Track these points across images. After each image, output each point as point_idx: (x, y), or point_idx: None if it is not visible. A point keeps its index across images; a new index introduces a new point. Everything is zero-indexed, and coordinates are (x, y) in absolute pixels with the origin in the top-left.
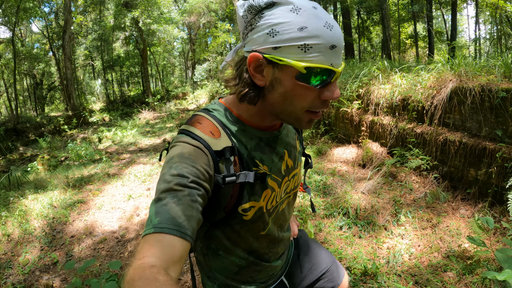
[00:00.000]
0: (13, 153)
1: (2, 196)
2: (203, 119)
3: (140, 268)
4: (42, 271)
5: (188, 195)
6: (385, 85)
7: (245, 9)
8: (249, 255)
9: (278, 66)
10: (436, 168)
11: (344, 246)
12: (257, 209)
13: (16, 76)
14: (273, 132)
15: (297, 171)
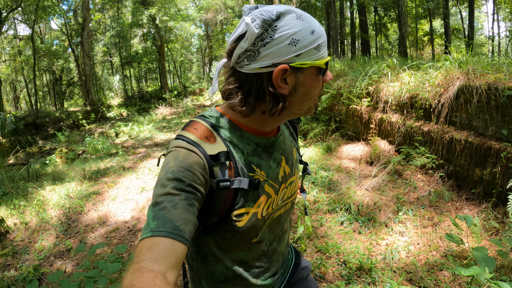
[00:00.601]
0: (33, 146)
1: (21, 187)
2: (199, 125)
3: (138, 272)
4: (57, 256)
5: (185, 199)
6: (394, 83)
7: (259, 25)
8: (237, 266)
9: (301, 70)
10: (442, 167)
11: (343, 241)
12: (251, 215)
13: (35, 72)
14: (270, 138)
15: (294, 179)
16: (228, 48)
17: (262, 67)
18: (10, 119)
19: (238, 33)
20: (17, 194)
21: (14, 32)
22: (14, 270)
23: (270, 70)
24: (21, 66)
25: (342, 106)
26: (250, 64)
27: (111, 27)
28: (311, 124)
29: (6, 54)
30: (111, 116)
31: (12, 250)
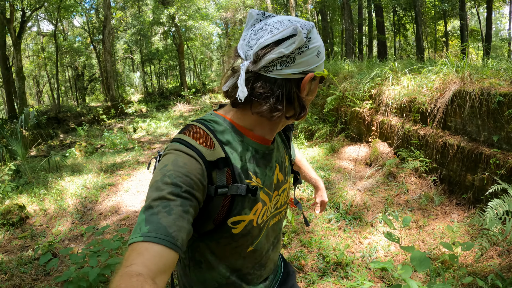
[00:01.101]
0: (54, 139)
1: (41, 177)
2: (198, 129)
3: (126, 275)
4: (71, 240)
5: (181, 206)
6: (395, 86)
7: (306, 35)
8: (231, 274)
9: (315, 79)
10: (436, 171)
11: (327, 237)
12: (247, 222)
13: (58, 68)
14: (269, 146)
15: (286, 186)
16: (260, 52)
17: (294, 73)
18: (33, 114)
19: (278, 37)
20: (38, 184)
21: (38, 29)
22: (31, 250)
23: (300, 77)
24: (44, 62)
25: (348, 108)
26: (282, 70)
27: (132, 25)
28: (318, 125)
29: (30, 50)
30: (130, 112)
31: (31, 233)
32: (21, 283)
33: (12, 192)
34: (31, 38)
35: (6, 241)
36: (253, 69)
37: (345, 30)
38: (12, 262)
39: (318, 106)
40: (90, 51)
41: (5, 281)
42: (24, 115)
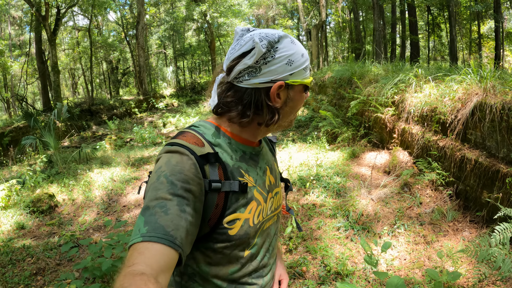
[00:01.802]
0: (86, 131)
1: (72, 168)
2: (187, 133)
3: (130, 275)
4: (95, 229)
5: (177, 205)
6: (418, 94)
7: (266, 45)
8: (229, 285)
9: (292, 87)
10: (452, 185)
11: (333, 246)
12: (243, 221)
13: (92, 62)
14: (255, 148)
15: (279, 190)
16: (230, 64)
17: (261, 82)
18: (66, 108)
19: (242, 50)
20: (68, 174)
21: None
22: (58, 237)
23: (268, 86)
24: (79, 55)
25: (371, 113)
26: (250, 80)
27: (165, 21)
28: (341, 128)
29: (66, 44)
30: (161, 107)
31: (58, 221)
32: (45, 266)
33: (43, 181)
34: (66, 32)
35: (35, 227)
36: (227, 80)
37: (374, 31)
38: (39, 247)
39: (343, 109)
40: (124, 46)
41: (32, 264)
42: (57, 109)
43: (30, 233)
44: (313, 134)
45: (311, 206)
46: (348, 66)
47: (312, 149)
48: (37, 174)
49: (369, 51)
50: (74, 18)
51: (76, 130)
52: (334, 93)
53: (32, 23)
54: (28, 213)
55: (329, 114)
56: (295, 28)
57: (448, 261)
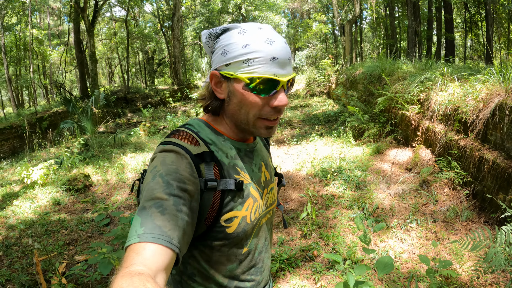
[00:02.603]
0: (122, 118)
1: (107, 152)
2: (181, 131)
3: (128, 275)
4: (126, 208)
5: (174, 205)
6: (443, 92)
7: (206, 36)
8: (228, 283)
9: (230, 80)
10: (470, 185)
11: (345, 235)
12: (240, 219)
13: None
14: (249, 144)
15: (273, 185)
16: None
17: (210, 71)
18: (103, 95)
19: None
20: (103, 157)
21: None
22: (91, 213)
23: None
24: (116, 46)
25: (398, 110)
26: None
27: (200, 13)
28: (368, 124)
29: (103, 34)
30: (194, 97)
31: (92, 199)
32: (78, 238)
33: (79, 162)
34: (104, 23)
35: (70, 204)
36: None
37: (408, 28)
38: (73, 221)
39: (372, 106)
40: (160, 37)
41: (66, 235)
42: (95, 96)
43: (65, 208)
44: (340, 129)
45: (330, 196)
46: (378, 63)
47: (338, 143)
48: (74, 156)
49: (404, 48)
50: (111, 9)
51: (112, 116)
52: (364, 89)
53: (71, 14)
54: (64, 190)
55: (357, 110)
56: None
57: (454, 258)
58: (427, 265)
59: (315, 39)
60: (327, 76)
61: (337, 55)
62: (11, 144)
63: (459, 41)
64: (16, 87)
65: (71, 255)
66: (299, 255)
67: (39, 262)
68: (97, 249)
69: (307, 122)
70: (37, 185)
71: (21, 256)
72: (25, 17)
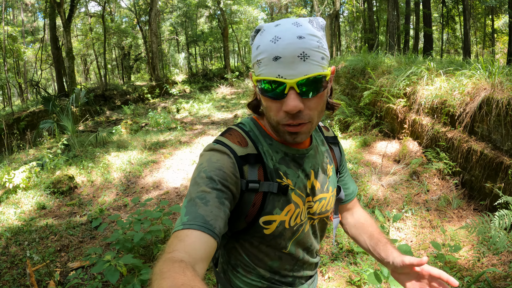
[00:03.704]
0: (101, 116)
1: (89, 151)
2: (234, 131)
3: (169, 261)
4: (115, 209)
5: (216, 197)
6: (429, 86)
7: (252, 37)
8: (271, 275)
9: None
10: (459, 175)
11: None
12: (278, 223)
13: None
14: (300, 149)
15: (325, 196)
16: None
17: None
18: (84, 93)
19: None
20: (86, 157)
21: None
22: (79, 216)
23: None
24: (92, 42)
25: (383, 103)
26: None
27: (177, 7)
28: (354, 117)
29: (78, 30)
30: (174, 93)
31: (78, 201)
32: (69, 243)
33: (62, 164)
34: (79, 18)
35: (56, 207)
36: None
37: (388, 22)
38: (62, 225)
39: (356, 99)
40: (136, 32)
41: (55, 241)
42: (75, 94)
43: (51, 212)
44: (326, 122)
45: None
46: (361, 57)
47: None
48: (58, 157)
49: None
50: (87, 4)
51: (91, 114)
52: (347, 83)
53: (47, 9)
54: (48, 194)
55: (342, 103)
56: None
57: (451, 243)
58: (439, 250)
59: None
60: None
61: None
62: None
63: (436, 35)
64: None
65: (64, 262)
66: None
67: (32, 273)
68: (94, 255)
69: None
70: (20, 189)
71: (11, 266)
72: None
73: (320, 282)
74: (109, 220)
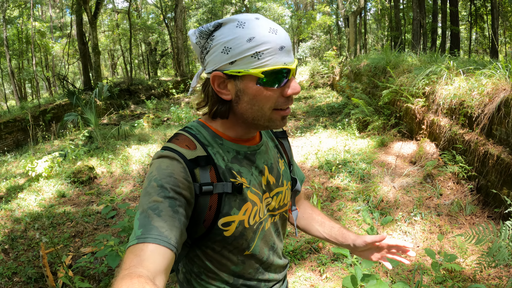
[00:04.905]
0: (125, 110)
1: (111, 144)
2: (180, 135)
3: (128, 277)
4: (131, 200)
5: (169, 206)
6: (448, 86)
7: (196, 35)
8: (234, 280)
9: (238, 78)
10: (474, 179)
11: (351, 227)
12: (238, 223)
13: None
14: (251, 146)
15: (281, 189)
16: None
17: (207, 73)
18: (107, 87)
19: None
20: (107, 149)
21: (113, 6)
22: (96, 205)
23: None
24: (119, 37)
25: (402, 103)
26: (204, 71)
27: (203, 4)
28: (372, 117)
29: (105, 26)
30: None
31: (97, 191)
32: (83, 230)
33: (84, 155)
34: (106, 14)
35: (75, 196)
36: None
37: (413, 20)
38: (78, 213)
39: (376, 98)
40: (162, 28)
41: (71, 227)
42: (98, 88)
43: (70, 200)
44: (345, 121)
45: (334, 189)
46: (383, 55)
47: (342, 135)
48: (79, 148)
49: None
50: (113, 0)
51: (115, 108)
52: (369, 81)
53: (73, 6)
54: (69, 183)
55: (362, 102)
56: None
57: (458, 251)
58: (433, 258)
59: (319, 31)
60: (331, 67)
61: (341, 46)
62: (15, 137)
63: (464, 34)
64: (19, 80)
65: (77, 247)
66: (304, 247)
67: (45, 255)
68: (104, 241)
69: (311, 114)
70: (42, 178)
71: (27, 249)
72: (27, 10)
73: (317, 281)
74: (123, 210)
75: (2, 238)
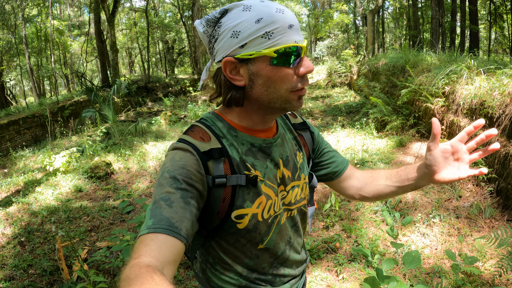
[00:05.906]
0: (142, 107)
1: (128, 140)
2: (196, 127)
3: (136, 266)
4: (147, 195)
5: (181, 197)
6: (469, 86)
7: (203, 25)
8: (249, 273)
9: (250, 61)
10: (495, 182)
11: (368, 228)
12: (251, 216)
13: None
14: (266, 139)
15: (298, 184)
16: None
17: (217, 61)
18: (125, 84)
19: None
20: (124, 145)
21: (130, 5)
22: (112, 200)
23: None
24: (136, 36)
25: (421, 102)
26: (214, 60)
27: (220, 2)
28: (391, 116)
29: (123, 24)
30: None
31: (113, 186)
32: (99, 224)
33: (101, 150)
34: (124, 13)
35: (92, 191)
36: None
37: (431, 19)
38: (95, 208)
39: (394, 97)
40: (180, 26)
41: (87, 221)
42: (116, 85)
43: (87, 195)
44: (362, 120)
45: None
46: (402, 54)
47: (360, 135)
48: (96, 144)
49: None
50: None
51: (133, 105)
52: (387, 81)
53: (91, 5)
54: (86, 178)
55: (380, 101)
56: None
57: (477, 255)
58: (453, 260)
59: (337, 29)
60: (349, 66)
61: (358, 45)
62: (33, 132)
63: (483, 33)
64: (38, 77)
65: (93, 242)
66: (321, 246)
67: (61, 248)
68: (120, 236)
69: (328, 113)
70: (59, 173)
71: (43, 242)
72: (46, 8)
73: (334, 282)
74: (140, 205)
75: (19, 230)
